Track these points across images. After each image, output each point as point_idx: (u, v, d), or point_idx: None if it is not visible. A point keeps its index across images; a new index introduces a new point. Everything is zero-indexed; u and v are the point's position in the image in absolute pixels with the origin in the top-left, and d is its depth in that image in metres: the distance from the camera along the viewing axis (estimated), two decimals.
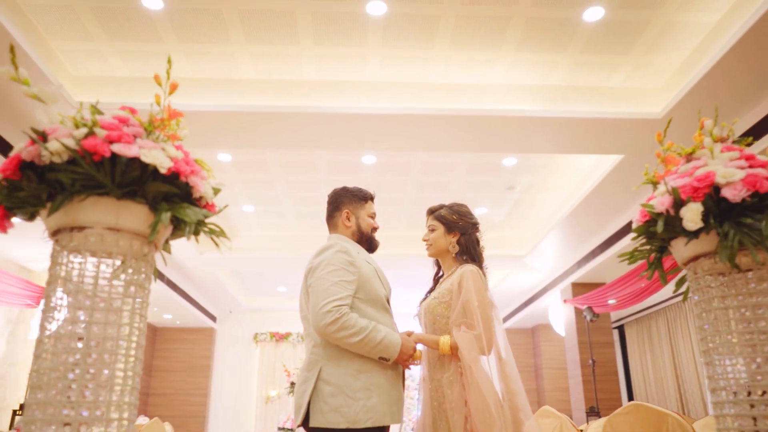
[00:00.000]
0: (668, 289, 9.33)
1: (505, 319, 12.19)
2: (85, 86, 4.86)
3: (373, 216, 2.32)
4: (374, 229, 2.32)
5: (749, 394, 1.29)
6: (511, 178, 6.70)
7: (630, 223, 6.47)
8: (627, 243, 6.67)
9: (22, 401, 6.09)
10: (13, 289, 7.06)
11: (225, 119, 4.85)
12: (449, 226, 2.32)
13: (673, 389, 9.87)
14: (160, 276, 8.83)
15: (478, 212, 7.66)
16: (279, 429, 9.94)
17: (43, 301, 1.24)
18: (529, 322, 11.72)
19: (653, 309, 10.69)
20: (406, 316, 3.12)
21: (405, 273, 8.71)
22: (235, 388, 11.96)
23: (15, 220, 4.23)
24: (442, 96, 4.88)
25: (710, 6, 4.10)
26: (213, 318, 11.92)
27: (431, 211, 2.40)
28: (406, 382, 2.29)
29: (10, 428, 4.60)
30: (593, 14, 4.17)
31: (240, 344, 12.28)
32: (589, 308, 7.36)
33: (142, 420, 6.20)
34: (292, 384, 6.84)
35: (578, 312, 8.32)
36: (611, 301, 7.73)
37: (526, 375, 12.04)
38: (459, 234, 2.31)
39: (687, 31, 4.35)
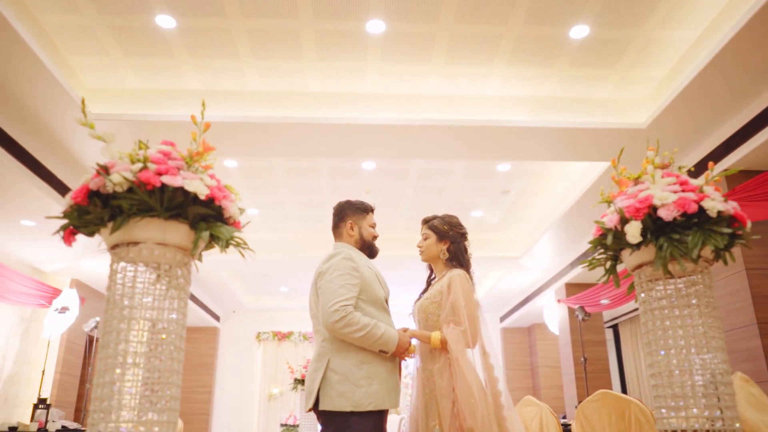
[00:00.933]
0: None
1: (503, 319, 12.48)
2: (100, 97, 5.14)
3: (373, 226, 2.60)
4: (374, 237, 2.60)
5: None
6: (506, 183, 6.98)
7: None
8: None
9: (38, 396, 6.38)
10: (27, 289, 7.33)
11: (233, 129, 5.12)
12: (441, 235, 2.60)
13: None
14: None
15: (474, 215, 7.94)
16: (281, 425, 10.22)
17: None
18: (525, 321, 11.99)
19: None
20: (402, 315, 3.40)
21: (405, 273, 8.97)
22: (239, 386, 12.24)
23: (28, 223, 4.54)
24: (438, 107, 5.16)
25: (688, 24, 4.37)
26: (217, 317, 12.20)
27: (425, 221, 2.68)
28: (405, 381, 2.58)
29: (32, 420, 4.89)
30: (579, 32, 4.45)
31: (243, 343, 12.56)
32: (581, 308, 7.64)
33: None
34: (296, 380, 7.12)
35: (571, 311, 8.59)
36: (603, 301, 8.00)
37: (523, 373, 12.31)
38: (449, 242, 2.58)
39: (667, 47, 4.63)
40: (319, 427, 2.27)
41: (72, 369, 8.52)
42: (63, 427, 4.72)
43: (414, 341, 2.43)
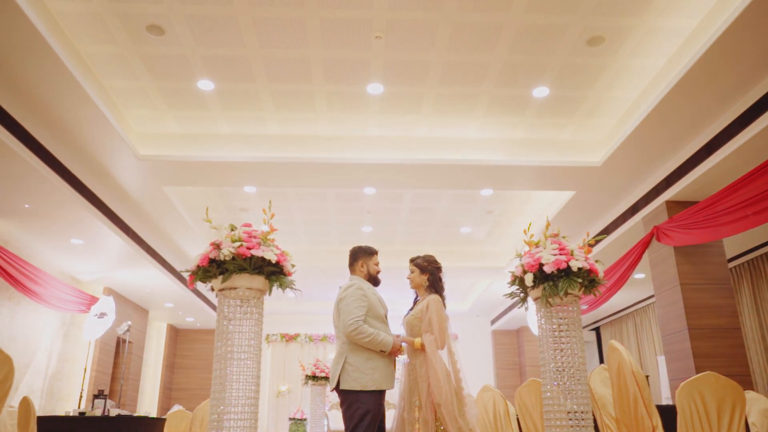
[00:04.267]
0: (640, 294, 10.64)
1: (493, 322, 13.52)
2: (146, 141, 6.18)
3: (377, 264, 3.63)
4: (378, 272, 3.62)
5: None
6: (489, 205, 8.02)
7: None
8: None
9: (80, 390, 7.43)
10: (68, 297, 8.37)
11: (256, 167, 6.17)
12: (422, 269, 3.63)
13: None
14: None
15: (463, 231, 8.98)
16: (290, 419, 11.26)
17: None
18: (514, 324, 13.03)
19: (624, 312, 11.99)
20: (397, 319, 4.43)
21: (402, 283, 9.99)
22: None
23: (77, 241, 5.80)
24: (427, 149, 6.19)
25: (630, 85, 5.39)
26: None
27: (412, 260, 3.71)
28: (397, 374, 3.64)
29: (92, 409, 5.90)
30: (540, 92, 5.48)
31: None
32: None
33: (177, 407, 7.45)
34: (307, 376, 8.16)
35: None
36: (581, 306, 9.01)
37: (512, 372, 13.35)
38: (429, 274, 3.61)
39: (615, 103, 5.66)
40: (335, 401, 3.30)
41: (105, 367, 9.56)
42: (118, 414, 5.73)
43: (403, 344, 3.46)
